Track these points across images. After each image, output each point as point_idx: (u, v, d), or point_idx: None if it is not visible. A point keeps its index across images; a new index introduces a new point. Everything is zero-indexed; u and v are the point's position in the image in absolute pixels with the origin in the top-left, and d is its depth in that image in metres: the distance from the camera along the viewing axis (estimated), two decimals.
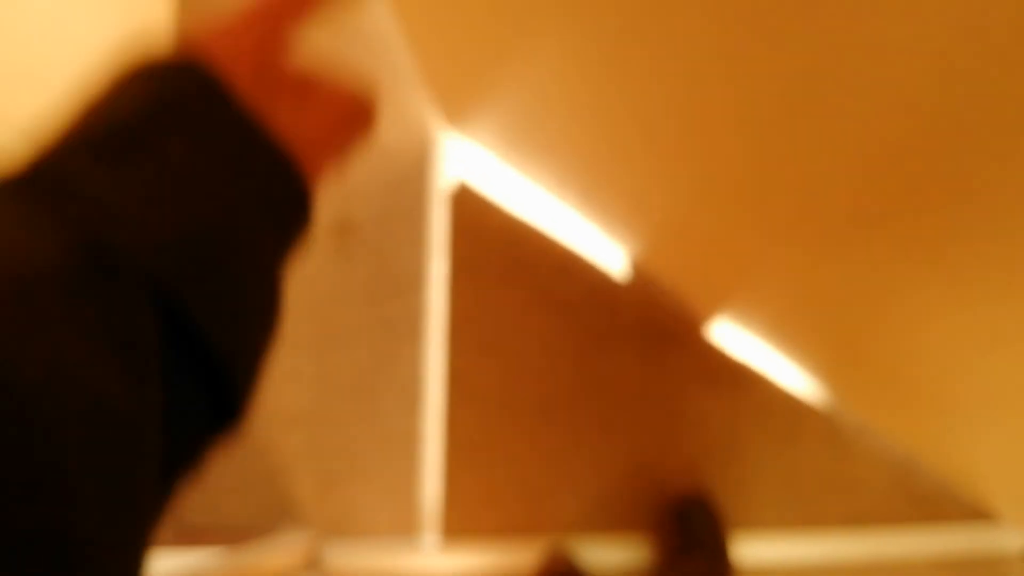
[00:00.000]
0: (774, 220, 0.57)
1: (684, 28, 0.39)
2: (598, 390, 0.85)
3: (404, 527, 0.82)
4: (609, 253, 0.87)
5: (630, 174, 0.67)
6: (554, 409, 0.84)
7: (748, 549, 0.82)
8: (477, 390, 0.84)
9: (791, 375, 0.85)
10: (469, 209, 0.86)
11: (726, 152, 0.51)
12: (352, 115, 0.27)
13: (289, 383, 0.83)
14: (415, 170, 0.87)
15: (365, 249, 0.86)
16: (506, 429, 0.84)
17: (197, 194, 0.20)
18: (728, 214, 0.61)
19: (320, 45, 0.94)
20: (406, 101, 0.88)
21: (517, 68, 0.60)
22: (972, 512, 0.83)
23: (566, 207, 0.85)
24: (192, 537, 0.75)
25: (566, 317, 0.86)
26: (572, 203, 0.83)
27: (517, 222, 0.86)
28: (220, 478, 0.81)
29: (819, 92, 0.37)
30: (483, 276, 0.86)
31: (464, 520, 0.82)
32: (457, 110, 0.81)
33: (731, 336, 0.86)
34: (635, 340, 0.86)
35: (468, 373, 0.84)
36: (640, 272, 0.86)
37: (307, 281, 0.85)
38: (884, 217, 0.46)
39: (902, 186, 0.41)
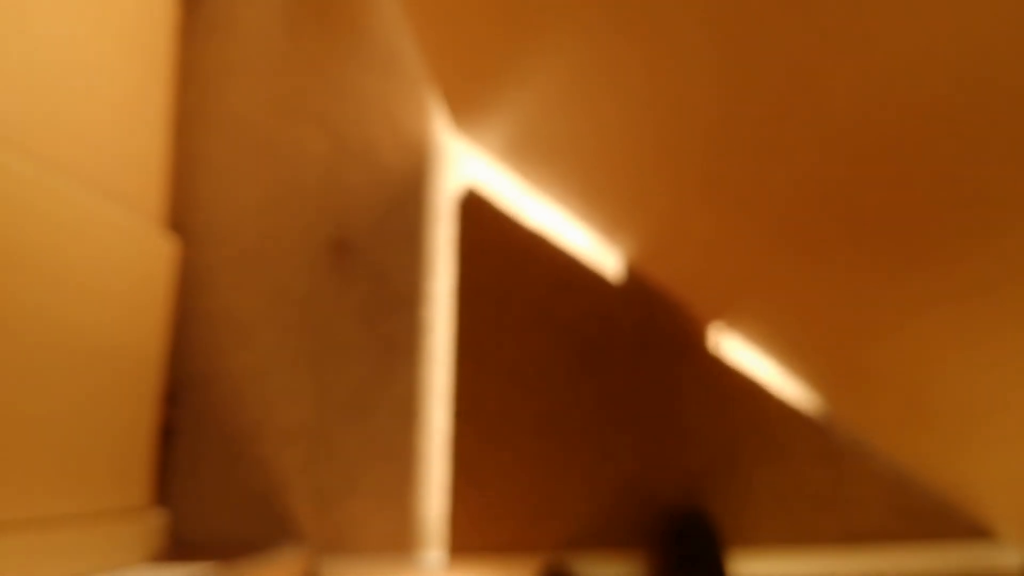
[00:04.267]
0: (772, 232, 0.58)
1: (681, 37, 0.40)
2: (595, 407, 0.85)
3: (401, 544, 0.82)
4: (608, 264, 0.88)
5: (628, 182, 0.67)
6: (550, 426, 0.85)
7: (744, 566, 0.82)
8: (474, 407, 0.84)
9: (788, 389, 0.86)
10: (477, 214, 0.87)
11: (725, 162, 0.52)
12: None
13: (286, 399, 0.84)
14: (413, 191, 0.89)
15: (363, 266, 0.87)
16: (502, 446, 0.84)
17: None
18: (726, 226, 0.62)
19: (331, 53, 0.96)
20: (406, 119, 0.90)
21: (523, 76, 0.61)
22: (969, 530, 0.83)
23: (567, 215, 0.86)
24: (188, 552, 0.76)
25: (565, 334, 0.86)
26: (573, 211, 0.84)
27: (522, 229, 0.87)
28: (217, 493, 0.82)
29: (817, 101, 0.38)
30: (485, 289, 0.87)
31: (461, 537, 0.82)
32: (464, 117, 0.82)
33: (730, 350, 0.86)
34: (633, 357, 0.86)
35: (466, 390, 0.85)
36: (638, 281, 0.87)
37: (305, 298, 0.86)
38: (883, 230, 0.46)
39: (902, 199, 0.42)
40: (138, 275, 0.74)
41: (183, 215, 0.87)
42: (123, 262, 0.72)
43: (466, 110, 0.80)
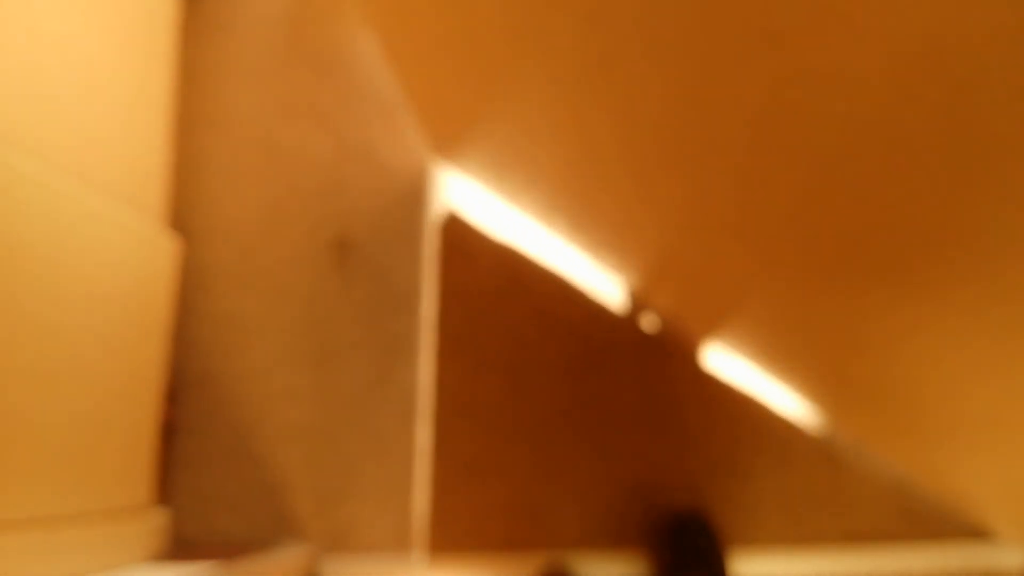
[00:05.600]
0: (764, 249, 0.58)
1: (663, 63, 0.40)
2: (595, 408, 0.85)
3: (402, 543, 0.82)
4: (602, 279, 0.88)
5: (617, 204, 0.68)
6: (551, 426, 0.85)
7: (745, 566, 0.82)
8: (474, 407, 0.85)
9: (785, 397, 0.86)
10: (459, 238, 0.88)
11: (713, 183, 0.52)
12: None
13: (288, 399, 0.84)
14: (413, 191, 0.89)
15: (364, 268, 0.87)
16: (503, 446, 0.84)
17: None
18: (719, 243, 0.62)
19: (333, 54, 0.96)
20: (404, 126, 0.90)
21: (503, 103, 0.61)
22: (968, 530, 0.83)
23: (557, 236, 0.86)
24: (190, 551, 0.76)
25: (563, 337, 0.87)
26: (562, 232, 0.84)
27: (508, 250, 0.87)
28: (218, 492, 0.82)
29: (802, 126, 0.38)
30: (476, 298, 0.87)
31: (460, 536, 0.82)
32: (448, 143, 0.82)
33: (726, 361, 0.87)
34: (631, 361, 0.86)
35: (465, 390, 0.85)
36: (634, 297, 0.87)
37: (306, 298, 0.86)
38: (875, 246, 0.47)
39: (889, 216, 0.42)
40: (140, 274, 0.74)
41: (185, 215, 0.87)
42: (125, 261, 0.72)
43: (448, 140, 0.80)
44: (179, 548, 0.78)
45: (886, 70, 0.30)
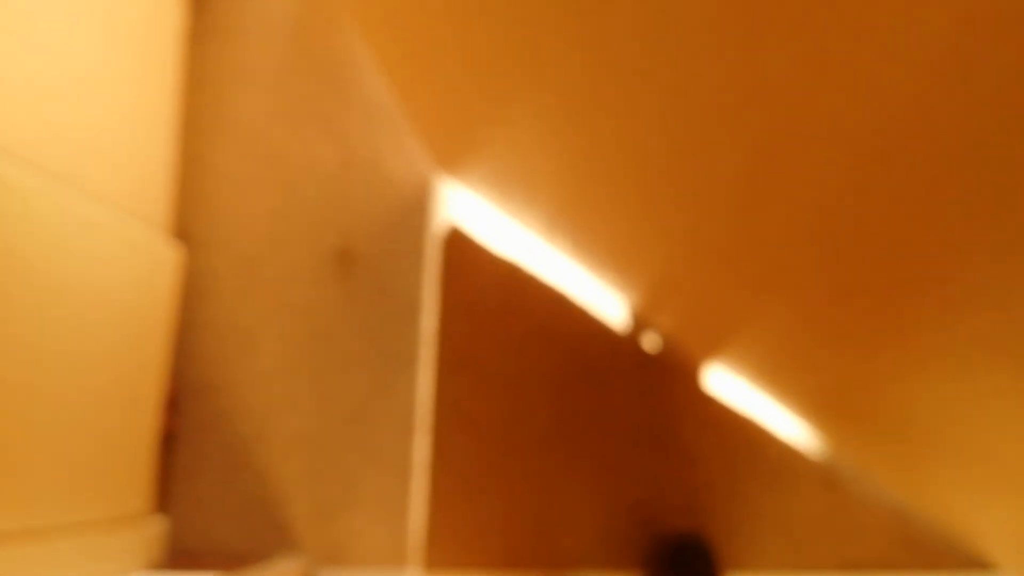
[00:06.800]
0: (768, 272, 0.57)
1: (668, 80, 0.40)
2: (594, 427, 0.85)
3: (398, 557, 0.82)
4: (604, 296, 0.87)
5: (620, 222, 0.67)
6: (550, 444, 0.85)
7: None
8: (474, 422, 0.84)
9: (786, 421, 0.85)
10: (461, 252, 0.87)
11: (718, 204, 0.51)
12: None
13: (287, 410, 0.84)
14: (416, 204, 0.88)
15: (366, 280, 0.87)
16: (502, 462, 0.84)
17: None
18: (722, 264, 0.61)
19: (339, 61, 0.95)
20: (409, 138, 0.89)
21: (507, 118, 0.60)
22: (969, 560, 0.83)
23: (559, 252, 0.85)
24: (187, 561, 0.76)
25: (564, 354, 0.86)
26: (565, 248, 0.84)
27: (510, 265, 0.87)
28: (217, 503, 0.82)
29: (811, 148, 0.38)
30: (478, 313, 0.86)
31: (456, 553, 0.82)
32: (451, 157, 0.82)
33: (727, 382, 0.86)
34: (632, 380, 0.86)
35: (465, 405, 0.85)
36: (636, 316, 0.87)
37: (307, 309, 0.86)
38: (881, 272, 0.46)
39: (895, 244, 0.41)
40: (143, 282, 0.74)
41: (188, 223, 0.87)
42: (128, 269, 0.72)
43: (451, 154, 0.80)
44: (177, 557, 0.78)
45: (895, 94, 0.30)
